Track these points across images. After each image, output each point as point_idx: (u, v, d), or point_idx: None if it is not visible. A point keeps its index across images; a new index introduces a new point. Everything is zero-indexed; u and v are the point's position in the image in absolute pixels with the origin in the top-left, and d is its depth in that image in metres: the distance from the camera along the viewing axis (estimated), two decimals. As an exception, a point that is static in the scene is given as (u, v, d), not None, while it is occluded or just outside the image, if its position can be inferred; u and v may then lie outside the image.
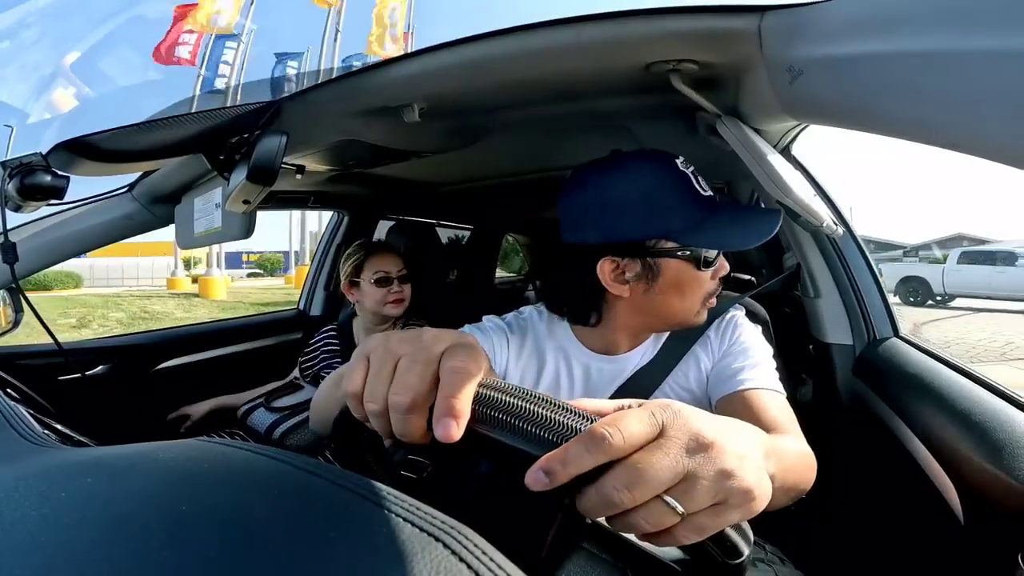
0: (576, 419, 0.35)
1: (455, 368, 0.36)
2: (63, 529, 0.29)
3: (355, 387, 0.39)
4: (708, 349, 0.84)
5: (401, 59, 0.83)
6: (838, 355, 1.31)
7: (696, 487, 0.33)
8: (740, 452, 0.35)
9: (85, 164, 0.86)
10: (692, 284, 0.76)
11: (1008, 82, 0.31)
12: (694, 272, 0.75)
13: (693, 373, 0.83)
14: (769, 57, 0.64)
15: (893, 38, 0.41)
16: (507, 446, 0.35)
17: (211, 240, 1.09)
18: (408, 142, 1.15)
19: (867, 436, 1.10)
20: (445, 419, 0.35)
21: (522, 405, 0.36)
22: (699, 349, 0.84)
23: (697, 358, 0.83)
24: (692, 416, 0.35)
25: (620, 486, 0.32)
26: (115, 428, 1.08)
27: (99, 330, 9.54)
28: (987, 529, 0.68)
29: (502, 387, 0.37)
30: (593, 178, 0.78)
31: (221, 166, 0.93)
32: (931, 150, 0.44)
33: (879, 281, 1.32)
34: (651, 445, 0.34)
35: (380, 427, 0.38)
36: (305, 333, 2.05)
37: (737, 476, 0.34)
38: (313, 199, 1.79)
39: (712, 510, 0.34)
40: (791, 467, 0.53)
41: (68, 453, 0.46)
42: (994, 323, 9.31)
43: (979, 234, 30.52)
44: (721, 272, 0.79)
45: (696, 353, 0.84)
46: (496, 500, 0.40)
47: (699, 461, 0.33)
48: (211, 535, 0.27)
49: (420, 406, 0.36)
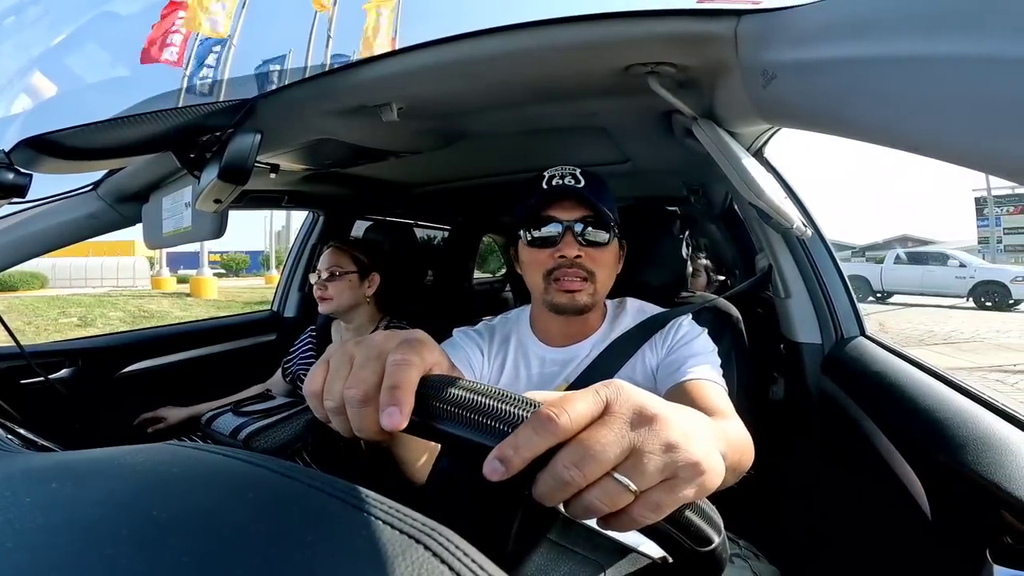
0: (522, 406, 0.35)
1: (396, 360, 0.38)
2: (28, 535, 0.28)
3: (315, 387, 0.41)
4: (654, 348, 0.89)
5: (379, 58, 0.82)
6: (808, 354, 1.34)
7: (644, 461, 0.33)
8: (684, 427, 0.35)
9: (49, 161, 0.83)
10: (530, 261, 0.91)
11: (969, 87, 0.32)
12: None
13: (640, 369, 0.87)
14: (744, 61, 0.65)
15: (863, 43, 0.42)
16: (463, 440, 0.35)
17: (180, 240, 1.06)
18: (386, 142, 1.14)
19: (836, 433, 1.13)
20: (387, 408, 0.36)
21: (471, 396, 0.36)
22: (647, 348, 0.89)
23: (644, 355, 0.88)
24: (635, 392, 0.36)
25: (569, 464, 0.32)
26: (81, 432, 1.04)
27: (104, 328, 9.39)
28: (954, 524, 0.70)
29: (450, 380, 0.38)
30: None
31: (191, 164, 0.90)
32: (885, 154, 0.45)
33: (846, 282, 1.36)
34: (597, 422, 0.34)
35: (339, 424, 0.40)
36: (279, 335, 2.02)
37: (683, 449, 0.34)
38: (287, 199, 1.76)
39: (664, 486, 0.34)
40: (736, 447, 0.55)
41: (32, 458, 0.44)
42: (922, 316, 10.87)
43: (923, 235, 32.02)
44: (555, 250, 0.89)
45: (643, 351, 0.89)
46: (459, 496, 0.40)
47: (644, 435, 0.34)
48: (183, 541, 0.27)
49: (372, 398, 0.37)
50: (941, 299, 13.37)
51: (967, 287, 13.28)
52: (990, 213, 22.35)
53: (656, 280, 1.24)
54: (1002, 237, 22.33)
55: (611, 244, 0.88)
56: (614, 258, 0.90)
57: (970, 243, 23.68)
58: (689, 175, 1.72)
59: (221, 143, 0.83)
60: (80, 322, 9.99)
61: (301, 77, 0.89)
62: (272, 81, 11.90)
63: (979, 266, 13.76)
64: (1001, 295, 12.74)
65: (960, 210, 37.48)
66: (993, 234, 22.28)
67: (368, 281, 1.53)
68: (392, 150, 1.20)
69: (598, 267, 0.86)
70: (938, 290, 13.54)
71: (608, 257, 0.88)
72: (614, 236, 0.88)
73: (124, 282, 19.12)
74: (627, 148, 1.33)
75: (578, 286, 0.85)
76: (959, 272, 13.51)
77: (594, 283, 0.86)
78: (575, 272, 0.85)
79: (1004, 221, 22.38)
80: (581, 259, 0.85)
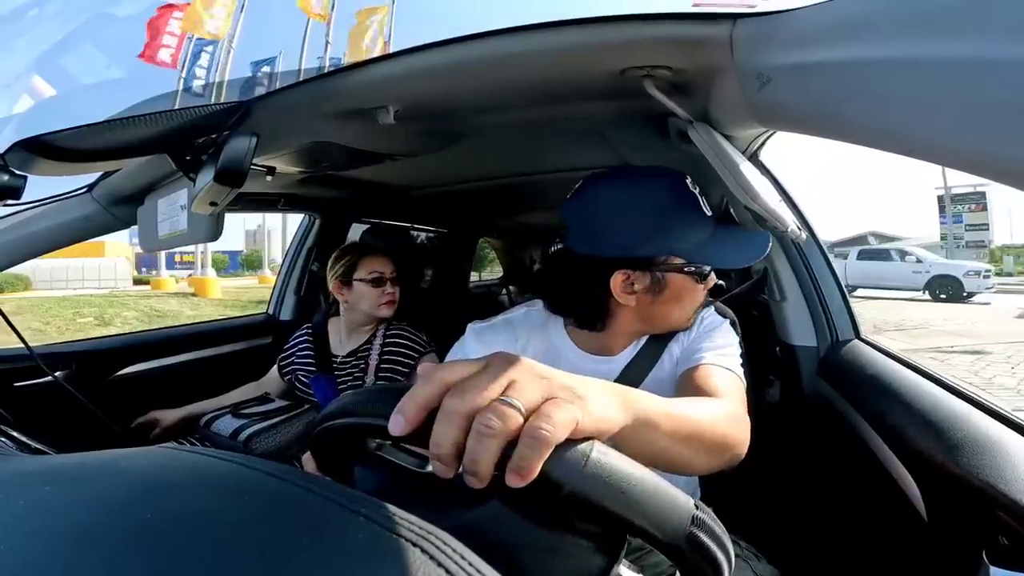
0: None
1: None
2: (22, 538, 0.27)
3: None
4: (679, 342, 0.89)
5: (376, 61, 0.82)
6: (803, 357, 1.34)
7: (522, 384, 0.37)
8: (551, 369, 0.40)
9: (43, 163, 0.83)
10: (692, 296, 0.84)
11: (965, 89, 0.33)
12: (695, 285, 0.83)
13: (667, 364, 0.88)
14: (739, 64, 0.66)
15: (858, 46, 0.42)
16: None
17: (176, 243, 1.06)
18: (382, 145, 1.14)
19: (832, 435, 1.13)
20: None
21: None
22: (673, 344, 0.89)
23: (671, 351, 0.89)
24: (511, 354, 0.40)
25: (454, 395, 0.36)
26: (75, 435, 1.03)
27: (123, 327, 9.64)
28: (950, 525, 0.70)
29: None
30: (605, 191, 0.83)
31: (187, 167, 0.90)
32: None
33: (840, 285, 1.37)
34: (477, 372, 0.38)
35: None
36: (275, 338, 2.01)
37: (554, 375, 0.39)
38: (283, 201, 1.75)
39: (548, 403, 0.36)
40: (690, 422, 0.54)
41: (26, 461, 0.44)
42: (880, 307, 12.28)
43: (890, 232, 32.84)
44: (710, 284, 0.85)
45: (670, 348, 0.89)
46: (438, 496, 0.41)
47: (519, 372, 0.38)
48: (178, 544, 0.27)
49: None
50: (900, 292, 14.68)
51: (923, 281, 14.51)
52: (948, 211, 24.05)
53: None
54: (963, 234, 23.94)
55: None
56: None
57: (933, 240, 24.97)
58: (685, 178, 1.72)
59: (217, 145, 0.83)
60: (98, 321, 10.06)
61: (298, 79, 0.89)
62: (264, 83, 12.06)
63: (934, 262, 15.08)
64: (955, 289, 13.96)
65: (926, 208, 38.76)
66: (951, 231, 24.15)
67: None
68: (388, 153, 1.20)
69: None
70: (897, 284, 14.90)
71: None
72: None
73: (106, 283, 18.72)
74: (623, 151, 1.34)
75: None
76: (916, 267, 14.80)
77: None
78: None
79: (966, 218, 24.20)
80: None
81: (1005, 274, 30.73)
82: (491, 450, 0.34)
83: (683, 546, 0.37)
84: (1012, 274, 28.25)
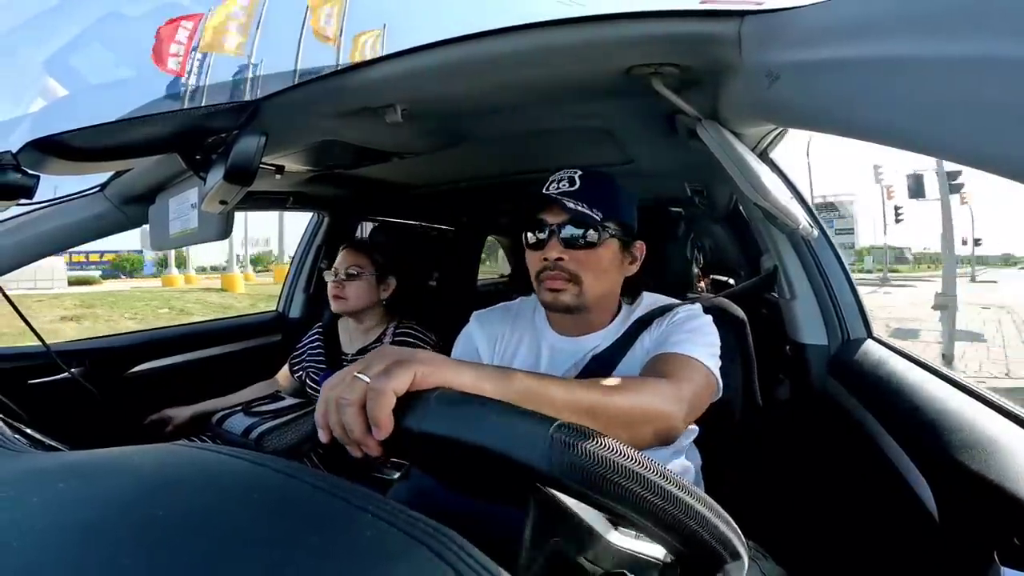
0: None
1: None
2: (35, 534, 0.28)
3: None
4: (651, 333, 0.92)
5: (383, 60, 0.82)
6: (813, 355, 1.33)
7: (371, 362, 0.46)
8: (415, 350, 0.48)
9: (56, 163, 0.84)
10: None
11: (972, 87, 0.32)
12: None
13: (639, 356, 0.90)
14: (748, 61, 0.65)
15: (867, 44, 0.42)
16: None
17: (187, 241, 1.07)
18: (390, 143, 1.15)
19: (843, 434, 1.12)
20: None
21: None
22: (645, 335, 0.92)
23: (643, 342, 0.92)
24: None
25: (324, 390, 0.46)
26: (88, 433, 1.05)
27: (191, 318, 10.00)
28: (961, 525, 0.70)
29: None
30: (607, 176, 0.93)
31: (197, 166, 0.91)
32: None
33: (852, 283, 1.35)
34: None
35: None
36: (284, 335, 2.02)
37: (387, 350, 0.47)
38: (292, 200, 1.76)
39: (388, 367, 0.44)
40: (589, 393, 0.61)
41: (40, 458, 0.45)
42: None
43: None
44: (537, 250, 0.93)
45: (643, 338, 0.92)
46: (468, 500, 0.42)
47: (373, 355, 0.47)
48: (186, 540, 0.27)
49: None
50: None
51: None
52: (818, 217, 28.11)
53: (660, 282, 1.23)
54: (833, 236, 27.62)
55: (604, 245, 0.88)
56: (609, 259, 0.89)
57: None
58: (693, 176, 1.71)
59: (227, 145, 0.84)
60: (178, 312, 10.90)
61: (306, 79, 0.89)
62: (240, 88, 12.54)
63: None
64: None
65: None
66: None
67: (385, 284, 1.54)
68: (396, 151, 1.20)
69: (583, 269, 0.87)
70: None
71: (597, 258, 0.88)
72: (610, 236, 0.88)
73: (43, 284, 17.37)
74: (630, 149, 1.33)
75: (560, 286, 0.88)
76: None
77: (579, 284, 0.88)
78: (557, 273, 0.88)
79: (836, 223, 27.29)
80: (563, 261, 0.87)
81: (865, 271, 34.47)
82: (352, 416, 0.43)
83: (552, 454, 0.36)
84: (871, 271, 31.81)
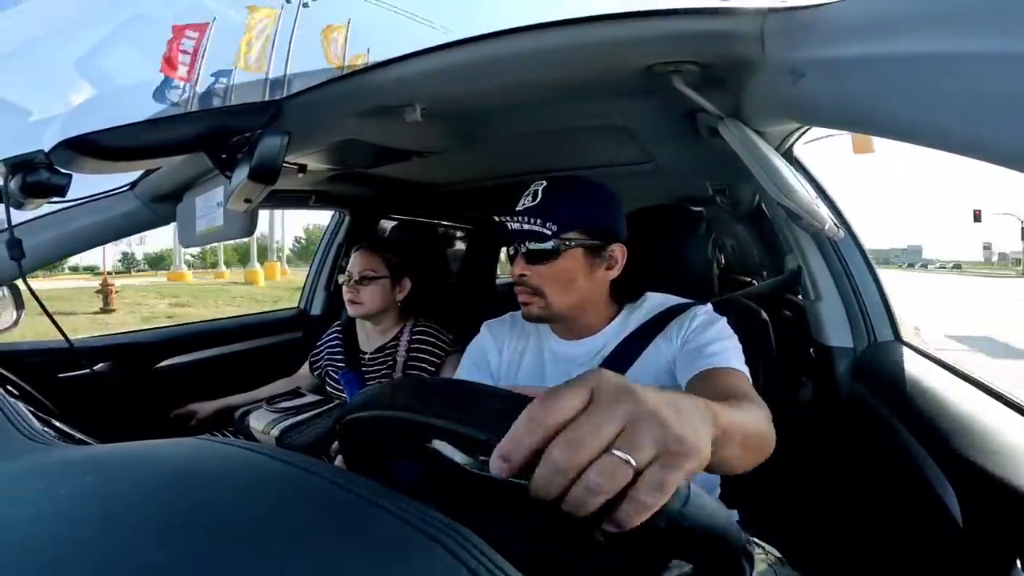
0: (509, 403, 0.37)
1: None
2: (61, 526, 0.29)
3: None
4: (668, 340, 0.89)
5: (403, 59, 0.83)
6: (838, 358, 1.30)
7: (637, 434, 0.34)
8: (670, 404, 0.36)
9: (87, 162, 0.87)
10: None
11: (1003, 85, 0.31)
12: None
13: (653, 362, 0.88)
14: (771, 59, 0.64)
15: (893, 41, 0.41)
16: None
17: (213, 239, 1.09)
18: (409, 142, 1.15)
19: (867, 438, 1.10)
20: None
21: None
22: (660, 340, 0.90)
23: (657, 347, 0.89)
24: (617, 376, 0.37)
25: (563, 446, 0.33)
26: (116, 426, 1.08)
27: (208, 314, 10.63)
28: (985, 532, 0.68)
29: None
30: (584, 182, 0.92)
31: (223, 165, 0.93)
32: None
33: (880, 284, 1.32)
34: (587, 409, 0.35)
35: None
36: (305, 332, 2.05)
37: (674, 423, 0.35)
38: (314, 198, 1.79)
39: (661, 460, 0.34)
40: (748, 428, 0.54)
41: (68, 451, 0.46)
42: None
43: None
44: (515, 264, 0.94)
45: (657, 343, 0.89)
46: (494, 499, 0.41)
47: (633, 412, 0.34)
48: (207, 534, 0.27)
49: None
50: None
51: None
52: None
53: (680, 282, 1.22)
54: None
55: (566, 256, 0.87)
56: (574, 269, 0.88)
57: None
58: (715, 175, 1.69)
59: (251, 144, 0.85)
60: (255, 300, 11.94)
61: (327, 79, 0.90)
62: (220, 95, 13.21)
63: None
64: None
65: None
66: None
67: (400, 286, 1.53)
68: (416, 150, 1.21)
69: (544, 282, 0.88)
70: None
71: (557, 271, 0.88)
72: (571, 246, 0.87)
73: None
74: (650, 148, 1.32)
75: (526, 299, 0.91)
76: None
77: (544, 297, 0.89)
78: (522, 288, 0.90)
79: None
80: (526, 277, 0.89)
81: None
82: (597, 504, 0.33)
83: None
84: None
